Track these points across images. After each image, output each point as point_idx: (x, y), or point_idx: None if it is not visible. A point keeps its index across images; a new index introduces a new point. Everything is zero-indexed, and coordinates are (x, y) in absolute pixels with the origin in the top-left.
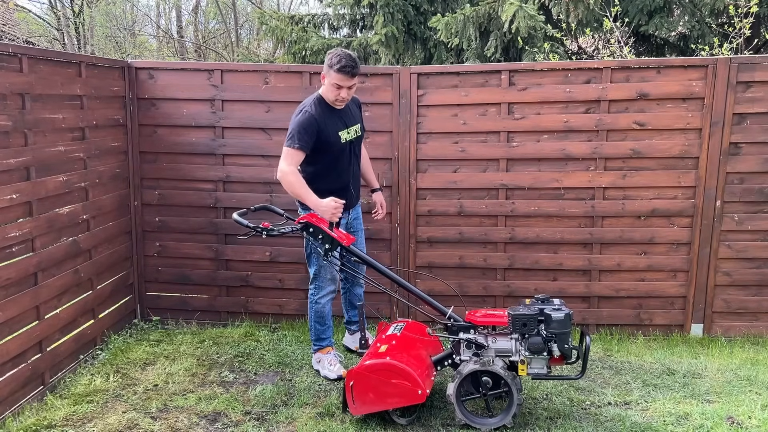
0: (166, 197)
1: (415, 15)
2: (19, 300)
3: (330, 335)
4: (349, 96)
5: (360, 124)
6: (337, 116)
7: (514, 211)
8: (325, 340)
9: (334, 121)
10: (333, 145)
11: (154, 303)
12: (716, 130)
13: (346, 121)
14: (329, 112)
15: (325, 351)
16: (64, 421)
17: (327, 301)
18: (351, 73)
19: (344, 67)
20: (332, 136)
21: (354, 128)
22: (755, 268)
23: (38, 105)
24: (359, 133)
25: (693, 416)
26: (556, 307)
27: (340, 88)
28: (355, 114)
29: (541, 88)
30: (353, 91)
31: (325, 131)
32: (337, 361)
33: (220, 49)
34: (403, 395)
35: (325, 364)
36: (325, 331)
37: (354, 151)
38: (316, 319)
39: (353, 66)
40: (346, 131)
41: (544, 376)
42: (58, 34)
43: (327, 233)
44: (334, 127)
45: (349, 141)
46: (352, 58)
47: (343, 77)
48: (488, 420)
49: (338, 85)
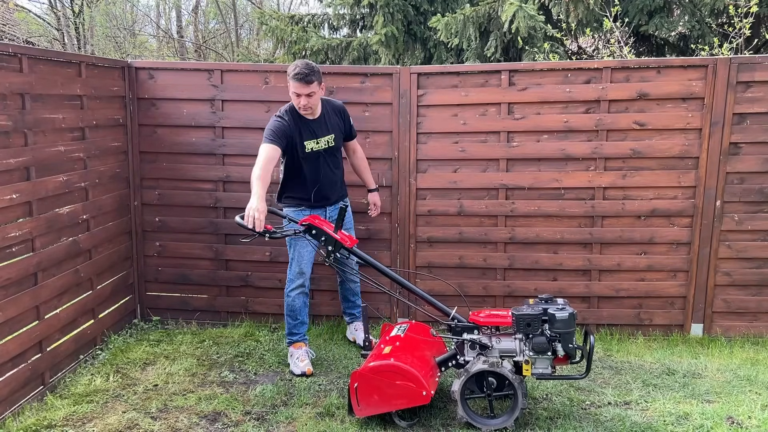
0: (166, 197)
1: (415, 15)
2: (19, 300)
3: (303, 331)
4: (310, 103)
5: (336, 134)
6: (309, 126)
7: (514, 211)
8: (296, 335)
9: (303, 131)
10: (298, 153)
11: (154, 303)
12: (716, 130)
13: (317, 131)
14: (301, 121)
15: (296, 346)
16: (64, 421)
17: (296, 295)
18: (305, 80)
19: (297, 75)
20: (299, 144)
21: (326, 138)
22: (755, 268)
23: (38, 105)
24: (332, 143)
25: (693, 416)
26: (560, 307)
27: (299, 96)
28: (330, 123)
29: (541, 88)
30: (314, 99)
31: (293, 140)
32: (306, 358)
33: (220, 49)
34: (408, 397)
35: (294, 359)
36: (296, 326)
37: (326, 161)
38: (288, 312)
39: (306, 73)
40: (315, 141)
41: (548, 376)
42: (58, 34)
43: (330, 235)
44: (301, 137)
45: (318, 151)
46: (308, 65)
47: (299, 84)
48: (490, 420)
49: (296, 93)
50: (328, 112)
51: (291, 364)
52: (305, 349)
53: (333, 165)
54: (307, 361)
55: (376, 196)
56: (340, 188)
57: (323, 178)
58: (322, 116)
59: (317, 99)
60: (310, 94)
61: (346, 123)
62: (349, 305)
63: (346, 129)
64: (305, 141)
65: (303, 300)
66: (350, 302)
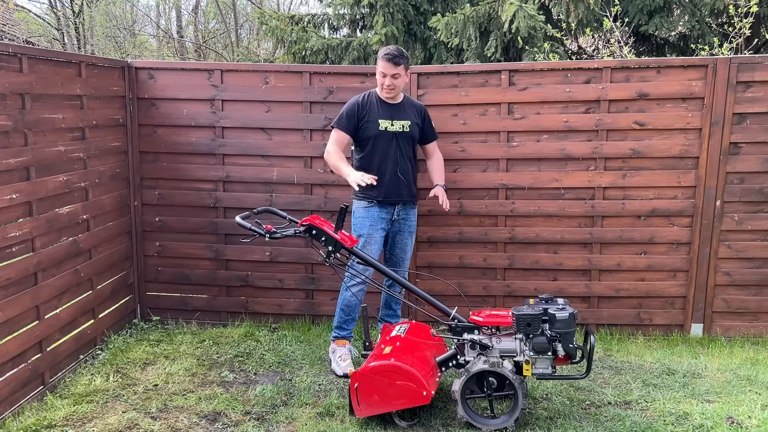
0: (166, 197)
1: (415, 15)
2: (19, 300)
3: (351, 328)
4: (395, 85)
5: (412, 123)
6: (386, 109)
7: (514, 210)
8: (344, 330)
9: (379, 111)
10: (371, 131)
11: (154, 303)
12: (716, 130)
13: (393, 115)
14: (378, 103)
15: (340, 342)
16: (64, 421)
17: (356, 291)
18: (393, 60)
19: (387, 54)
20: (372, 122)
21: (401, 122)
22: (755, 267)
23: (38, 105)
24: (407, 129)
25: (693, 416)
26: (560, 307)
27: (384, 76)
28: (409, 114)
29: (541, 88)
30: (398, 82)
31: (366, 117)
32: (348, 357)
33: (220, 49)
34: (408, 397)
35: (337, 357)
36: (347, 321)
37: (399, 146)
38: (342, 306)
39: (395, 55)
40: (389, 122)
41: (549, 376)
42: (58, 34)
43: (330, 235)
44: (377, 115)
45: (392, 132)
46: (399, 49)
47: (387, 64)
48: (490, 420)
49: (383, 72)
50: (408, 104)
51: (332, 362)
52: (349, 347)
53: (406, 153)
54: (349, 360)
55: (438, 189)
56: (411, 187)
57: (396, 164)
58: (401, 104)
59: (401, 83)
60: (395, 76)
61: (425, 122)
62: (387, 313)
63: (425, 127)
64: (380, 119)
65: (361, 297)
66: (392, 310)
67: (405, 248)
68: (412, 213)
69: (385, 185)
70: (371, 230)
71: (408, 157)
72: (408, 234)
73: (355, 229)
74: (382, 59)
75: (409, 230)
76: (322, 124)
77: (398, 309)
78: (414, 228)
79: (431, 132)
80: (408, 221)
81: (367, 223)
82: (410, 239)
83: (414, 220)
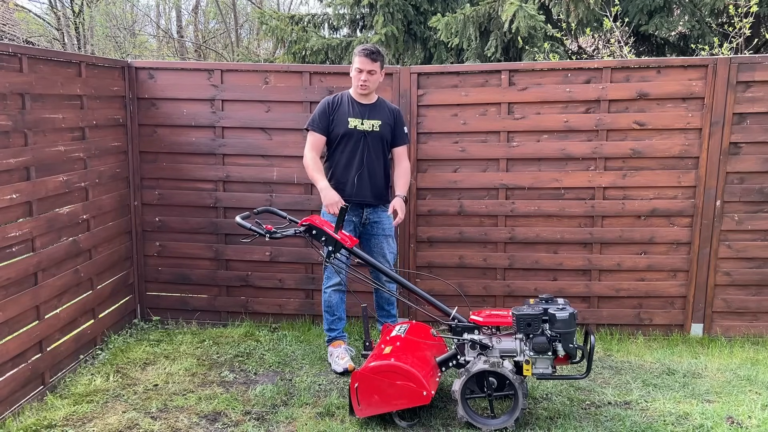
0: (166, 197)
1: (415, 15)
2: (19, 300)
3: (340, 327)
4: (370, 82)
5: (383, 122)
6: (358, 107)
7: (514, 210)
8: (334, 332)
9: (350, 109)
10: (339, 129)
11: (154, 303)
12: (716, 130)
13: (365, 114)
14: (350, 102)
15: (335, 344)
16: (64, 421)
17: (332, 291)
18: (370, 56)
19: (364, 50)
20: (341, 121)
21: (372, 122)
22: (755, 267)
23: (38, 105)
24: (377, 128)
25: (693, 416)
26: (560, 307)
27: (360, 71)
28: (382, 114)
29: (541, 88)
30: (375, 79)
31: (336, 116)
32: (346, 355)
33: (220, 49)
34: (408, 397)
35: (335, 358)
36: (334, 321)
37: (368, 145)
38: (325, 308)
39: (372, 51)
40: (359, 120)
41: (549, 376)
42: (58, 34)
43: (330, 235)
44: (346, 114)
45: (362, 131)
46: (376, 47)
47: (364, 59)
48: (491, 420)
49: (359, 68)
50: (381, 105)
51: (332, 363)
52: (344, 347)
53: (375, 154)
54: (347, 358)
55: (398, 201)
56: (383, 189)
57: (362, 165)
58: (375, 104)
59: (376, 80)
60: (371, 72)
61: (397, 124)
62: (382, 313)
63: (397, 129)
64: (349, 117)
65: (339, 296)
66: (385, 311)
67: (384, 252)
68: (383, 215)
69: (349, 185)
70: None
71: (377, 157)
72: (383, 237)
73: None
74: (359, 55)
75: (383, 233)
76: None
77: (392, 309)
78: (389, 230)
79: (401, 135)
80: (380, 224)
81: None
82: (386, 242)
83: (386, 222)
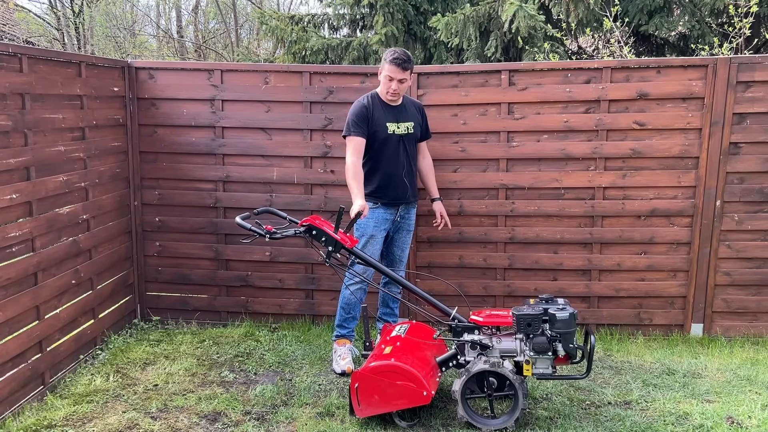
0: (166, 197)
1: (415, 15)
2: (19, 300)
3: (352, 327)
4: (400, 89)
5: (415, 123)
6: (390, 111)
7: (514, 210)
8: (344, 329)
9: (384, 114)
10: (380, 135)
11: (154, 303)
12: (716, 130)
13: (398, 117)
14: (381, 106)
15: (341, 342)
16: (64, 421)
17: (355, 290)
18: (403, 65)
19: (396, 59)
20: (380, 126)
21: (406, 124)
22: (755, 267)
23: (38, 105)
24: (411, 130)
25: (693, 416)
26: (560, 307)
27: (391, 80)
28: (411, 113)
29: (541, 88)
30: (405, 86)
31: (374, 121)
32: (348, 356)
33: (220, 49)
34: (408, 397)
35: (337, 357)
36: (347, 320)
37: (405, 149)
38: (343, 304)
39: (405, 60)
40: (396, 124)
41: (549, 376)
42: (58, 34)
43: (330, 236)
44: (383, 119)
45: (399, 135)
46: (406, 53)
47: (396, 69)
48: (491, 420)
49: (390, 76)
50: (408, 104)
51: (333, 360)
52: (349, 347)
53: (411, 155)
54: (349, 359)
55: (439, 205)
56: (415, 188)
57: (403, 167)
58: (402, 105)
59: (406, 87)
60: (402, 80)
61: (423, 119)
62: (385, 311)
63: (424, 125)
64: (387, 122)
65: (360, 296)
66: (390, 309)
67: (403, 246)
68: (413, 212)
69: (393, 188)
70: (375, 231)
71: (413, 158)
72: (406, 232)
73: (359, 229)
74: (392, 63)
75: (407, 228)
76: (322, 124)
77: (396, 308)
78: (413, 226)
79: (427, 131)
80: (408, 219)
81: (371, 224)
82: (408, 237)
83: (413, 218)
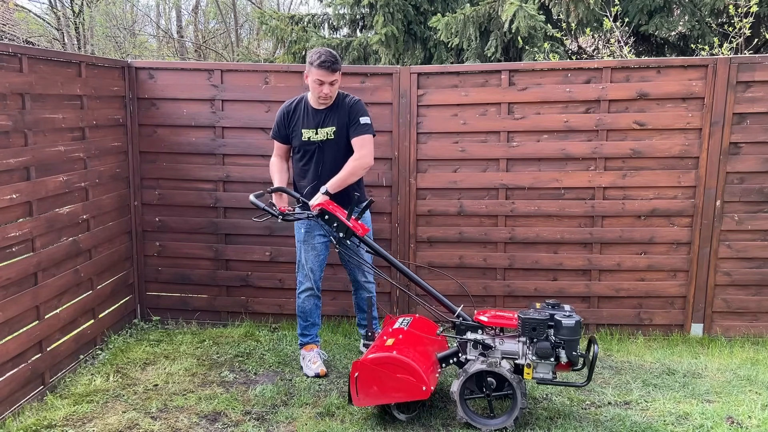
0: (166, 197)
1: (415, 15)
2: (19, 300)
3: (314, 333)
4: (331, 92)
5: (338, 127)
6: (314, 116)
7: (514, 210)
8: (306, 337)
9: (305, 120)
10: (295, 142)
11: (154, 303)
12: (716, 130)
13: (320, 122)
14: (306, 110)
15: (307, 348)
16: (64, 421)
17: (305, 297)
18: (331, 68)
19: (324, 62)
20: (296, 133)
21: (326, 130)
22: (755, 267)
23: (38, 105)
24: (332, 136)
25: (693, 416)
26: (566, 314)
27: (321, 84)
28: (339, 116)
29: (541, 88)
30: (335, 88)
31: (291, 126)
32: (318, 359)
33: (220, 49)
34: (407, 390)
35: (307, 362)
36: (307, 327)
37: (324, 154)
38: (298, 313)
39: (332, 62)
40: (313, 131)
41: (549, 382)
42: (58, 34)
43: (342, 222)
44: (301, 126)
45: (315, 141)
46: (332, 54)
47: (324, 72)
48: (490, 420)
49: (320, 80)
50: (342, 104)
51: (304, 366)
52: (317, 351)
53: (333, 161)
54: (319, 362)
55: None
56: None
57: (320, 174)
58: (334, 107)
59: (337, 88)
60: (333, 83)
61: (351, 119)
62: (363, 317)
63: (351, 126)
64: (303, 129)
65: (313, 302)
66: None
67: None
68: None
69: (309, 196)
70: (307, 236)
71: (337, 164)
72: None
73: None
74: (319, 67)
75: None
76: None
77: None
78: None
79: (356, 127)
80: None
81: (302, 229)
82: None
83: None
